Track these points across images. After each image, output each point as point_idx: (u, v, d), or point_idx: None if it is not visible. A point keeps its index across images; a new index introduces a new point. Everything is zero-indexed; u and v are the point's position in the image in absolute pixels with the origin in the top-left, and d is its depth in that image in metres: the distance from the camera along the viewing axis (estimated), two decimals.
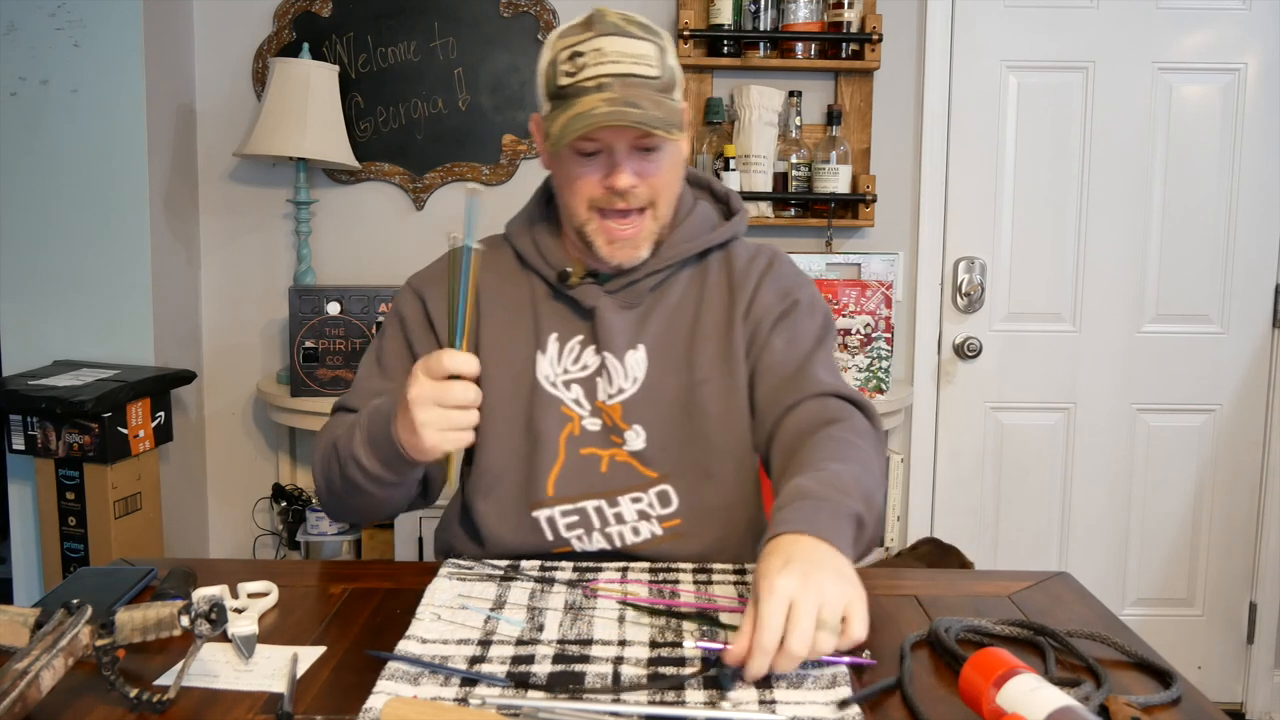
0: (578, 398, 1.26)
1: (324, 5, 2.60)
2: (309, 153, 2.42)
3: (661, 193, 1.22)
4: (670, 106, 1.19)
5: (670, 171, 1.23)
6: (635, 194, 1.20)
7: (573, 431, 1.25)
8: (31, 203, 2.34)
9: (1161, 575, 2.78)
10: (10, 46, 2.30)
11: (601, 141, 1.18)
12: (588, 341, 1.27)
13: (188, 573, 1.13)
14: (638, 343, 1.26)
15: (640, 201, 1.21)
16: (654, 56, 1.19)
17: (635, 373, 1.26)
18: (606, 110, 1.14)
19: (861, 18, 2.54)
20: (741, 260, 1.32)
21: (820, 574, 0.89)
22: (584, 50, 1.17)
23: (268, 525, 2.72)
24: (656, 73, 1.19)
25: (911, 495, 2.74)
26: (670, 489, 1.25)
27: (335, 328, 2.37)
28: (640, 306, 1.28)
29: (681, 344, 1.27)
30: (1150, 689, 0.91)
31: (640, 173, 1.20)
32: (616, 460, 1.25)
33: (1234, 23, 2.61)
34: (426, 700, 0.85)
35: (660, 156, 1.21)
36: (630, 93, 1.15)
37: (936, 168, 2.66)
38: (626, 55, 1.17)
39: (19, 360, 2.37)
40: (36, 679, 0.81)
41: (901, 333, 2.69)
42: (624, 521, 1.24)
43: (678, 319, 1.28)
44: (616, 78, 1.16)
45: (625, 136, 1.17)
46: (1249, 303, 2.68)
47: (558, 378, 1.26)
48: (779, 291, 1.30)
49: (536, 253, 1.31)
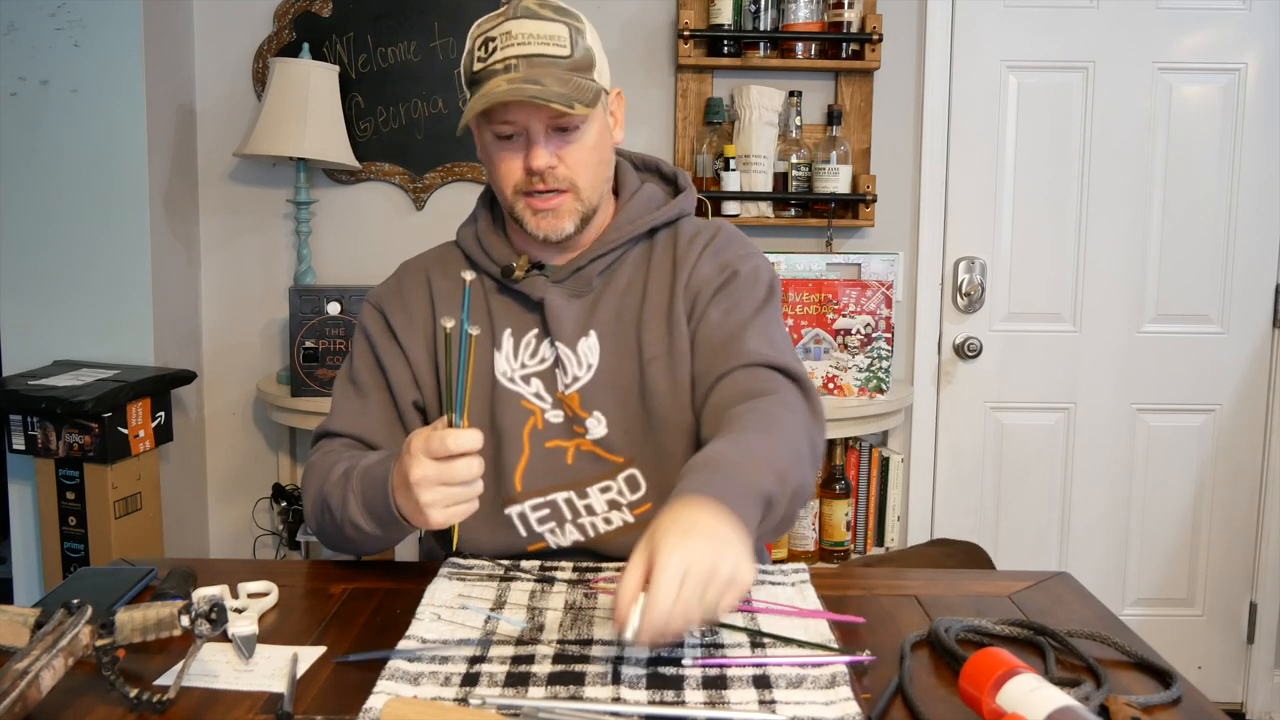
0: (538, 391, 1.26)
1: (324, 5, 2.60)
2: (309, 153, 2.42)
3: (581, 173, 1.22)
4: (579, 84, 1.18)
5: (592, 152, 1.22)
6: (553, 175, 1.20)
7: (536, 425, 1.25)
8: (31, 203, 2.34)
9: (1161, 575, 2.78)
10: (10, 46, 2.30)
11: (517, 124, 1.18)
12: (542, 335, 1.27)
13: (188, 573, 1.13)
14: (589, 329, 1.26)
15: (560, 183, 1.21)
16: (564, 37, 1.19)
17: (589, 359, 1.25)
18: (505, 89, 1.15)
19: (861, 18, 2.54)
20: (685, 236, 1.32)
21: (718, 551, 0.88)
22: (495, 35, 1.18)
23: (268, 525, 2.72)
24: (566, 52, 1.19)
25: (911, 495, 2.74)
26: (637, 473, 1.24)
27: (335, 328, 2.37)
28: (590, 293, 1.28)
29: (631, 325, 1.26)
30: (1150, 689, 0.91)
31: (559, 154, 1.20)
32: (581, 450, 1.25)
33: (1234, 23, 2.61)
34: (426, 700, 0.85)
35: (579, 136, 1.20)
36: (535, 72, 1.16)
37: (936, 168, 2.66)
38: (535, 36, 1.17)
39: (19, 360, 2.37)
40: (36, 679, 0.81)
41: (901, 333, 2.69)
42: (594, 513, 1.24)
43: (627, 301, 1.28)
44: (523, 59, 1.17)
45: (539, 117, 1.17)
46: (1249, 303, 2.68)
47: (515, 373, 1.26)
48: (718, 264, 1.29)
49: (480, 250, 1.31)
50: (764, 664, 0.93)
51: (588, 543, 1.25)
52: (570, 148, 1.20)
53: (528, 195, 1.22)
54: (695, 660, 0.93)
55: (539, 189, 1.20)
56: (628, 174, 1.34)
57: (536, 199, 1.21)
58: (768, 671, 0.91)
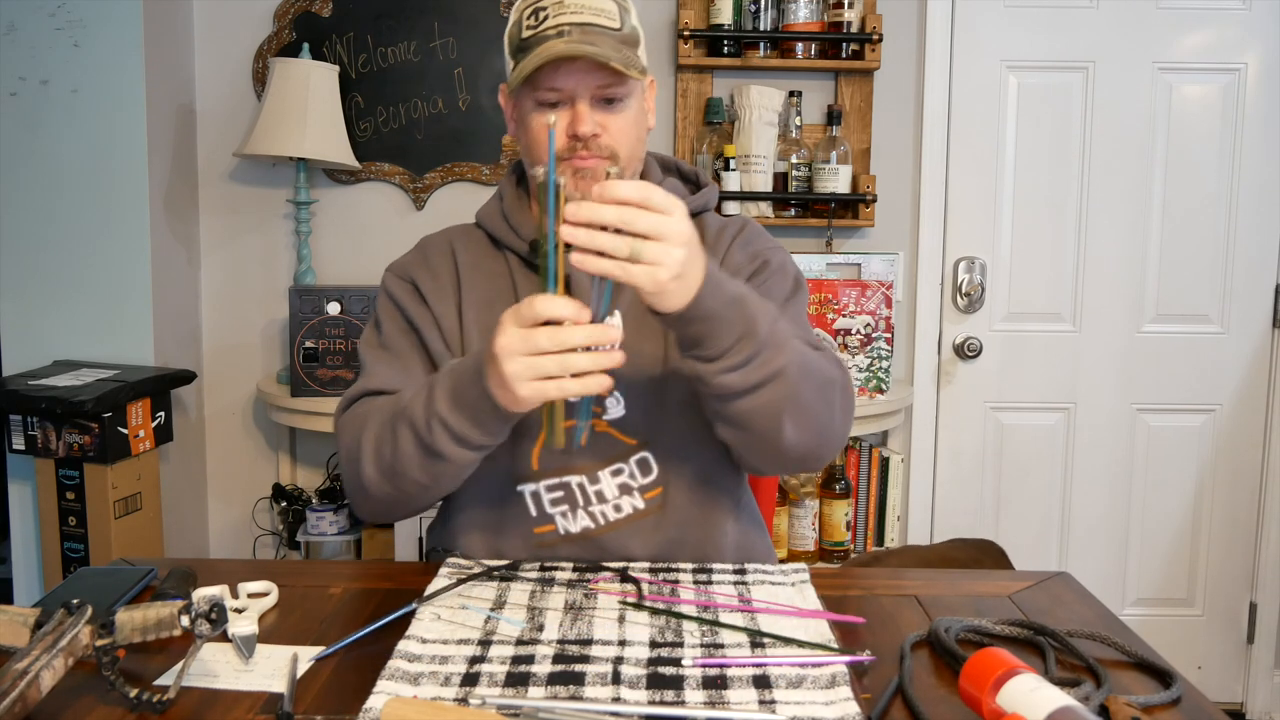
0: None
1: (324, 5, 2.60)
2: (309, 153, 2.42)
3: (622, 143, 1.21)
4: (631, 56, 1.19)
5: (633, 125, 1.23)
6: (596, 142, 1.19)
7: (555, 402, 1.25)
8: (31, 203, 2.34)
9: (1161, 575, 2.78)
10: (10, 46, 2.30)
11: (564, 90, 1.18)
12: None
13: (188, 573, 1.13)
14: (614, 308, 1.25)
15: (602, 151, 1.20)
16: (614, 11, 1.20)
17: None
18: (564, 46, 1.15)
19: (861, 18, 2.54)
20: (712, 228, 1.33)
21: (685, 251, 0.98)
22: (546, 4, 1.19)
23: (268, 525, 2.72)
24: (616, 25, 1.19)
25: (911, 495, 2.74)
26: (650, 455, 1.24)
27: (335, 328, 2.37)
28: None
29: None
30: (1150, 689, 0.91)
31: (601, 123, 1.19)
32: (596, 430, 1.24)
33: (1234, 23, 2.61)
34: (426, 700, 0.85)
35: (623, 108, 1.21)
36: (589, 38, 1.16)
37: (936, 168, 2.67)
38: (586, 7, 1.18)
39: (19, 360, 2.37)
40: (36, 679, 0.81)
41: (901, 333, 2.69)
42: (605, 499, 1.24)
43: None
44: (576, 26, 1.17)
45: (587, 84, 1.18)
46: (1249, 303, 2.68)
47: None
48: (749, 254, 1.30)
49: (507, 228, 1.30)
50: (764, 664, 0.93)
51: (596, 531, 1.24)
52: (614, 117, 1.20)
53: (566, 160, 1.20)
54: (695, 660, 0.93)
55: (582, 156, 1.19)
56: (652, 167, 1.34)
57: (576, 159, 1.20)
58: (768, 671, 0.91)
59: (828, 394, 1.15)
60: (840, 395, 1.18)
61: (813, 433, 1.14)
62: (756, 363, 1.07)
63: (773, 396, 1.09)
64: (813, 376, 1.13)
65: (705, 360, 1.08)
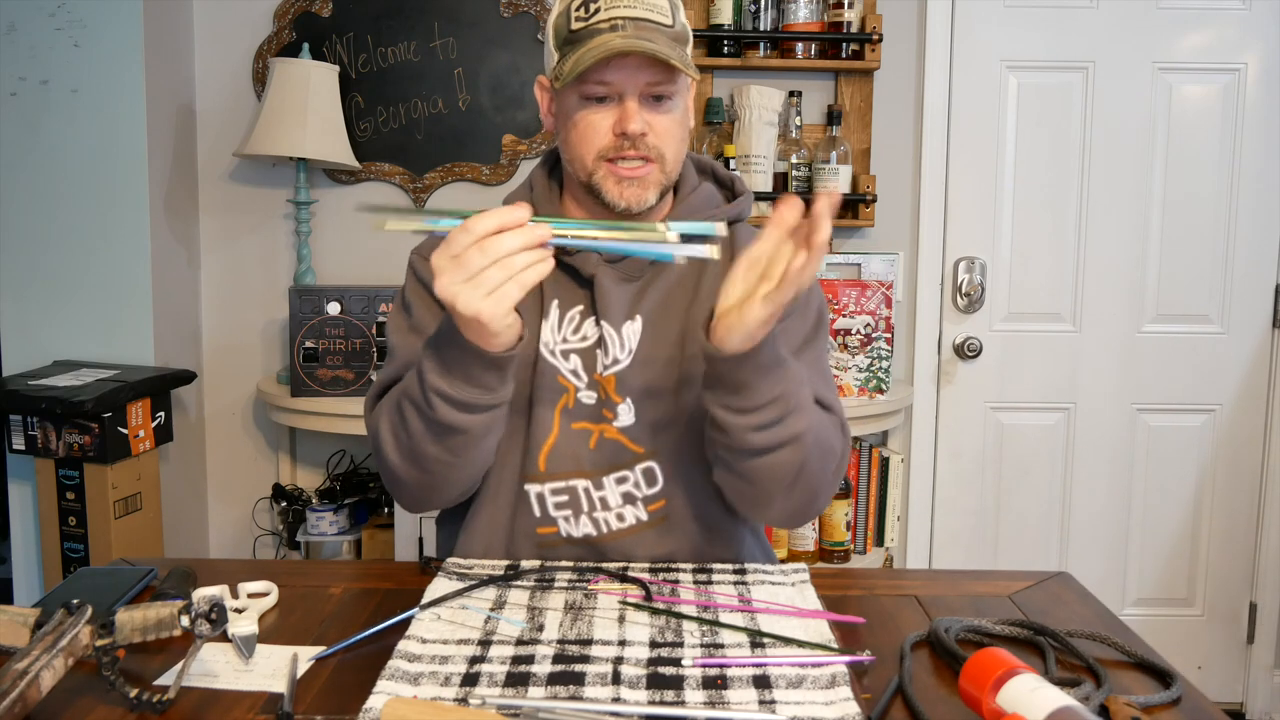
0: (575, 368, 1.24)
1: (324, 5, 2.60)
2: (309, 153, 2.42)
3: (669, 144, 1.20)
4: (683, 55, 1.17)
5: (679, 126, 1.21)
6: (645, 142, 1.17)
7: (567, 404, 1.24)
8: (32, 203, 2.34)
9: (1161, 575, 2.78)
10: (10, 46, 2.30)
11: (614, 86, 1.16)
12: (588, 312, 1.25)
13: (188, 573, 1.13)
14: (635, 314, 1.24)
15: (649, 150, 1.18)
16: (666, 7, 1.18)
17: (630, 343, 1.24)
18: (620, 42, 1.12)
19: (861, 18, 2.54)
20: (744, 242, 1.30)
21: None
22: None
23: (268, 525, 2.72)
24: (669, 22, 1.17)
25: (911, 495, 2.74)
26: (655, 466, 1.23)
27: (335, 328, 2.37)
28: (640, 279, 1.26)
29: (677, 318, 1.25)
30: (1150, 689, 0.91)
31: (649, 122, 1.17)
32: (605, 436, 1.24)
33: (1234, 23, 2.61)
34: (426, 700, 0.85)
35: (670, 107, 1.19)
36: (643, 33, 1.14)
37: (936, 168, 2.67)
38: (641, 2, 1.16)
39: (19, 360, 2.37)
40: (36, 679, 0.81)
41: (901, 333, 2.69)
42: (609, 506, 1.24)
43: (676, 293, 1.27)
44: (630, 20, 1.14)
45: (637, 80, 1.15)
46: (1249, 303, 2.68)
47: (556, 345, 1.24)
48: None
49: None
50: (764, 664, 0.93)
51: (599, 538, 1.24)
52: (661, 117, 1.18)
53: (611, 162, 1.18)
54: (695, 660, 0.93)
55: (628, 155, 1.18)
56: (689, 170, 1.33)
57: (622, 166, 1.18)
58: (768, 671, 0.91)
59: (827, 464, 1.17)
60: (836, 467, 1.20)
61: (804, 501, 1.18)
62: (781, 425, 1.08)
63: (785, 460, 1.11)
64: (821, 445, 1.15)
65: (736, 411, 1.09)
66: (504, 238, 0.97)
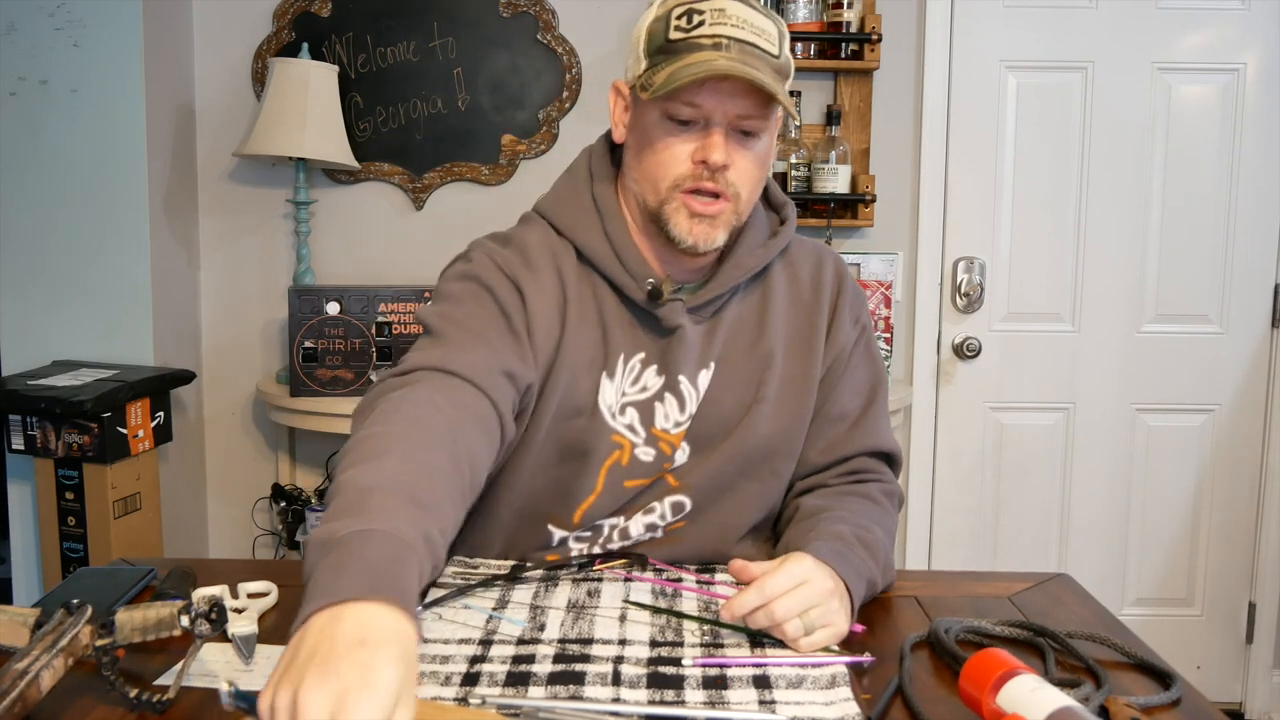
0: (632, 423, 1.15)
1: (324, 5, 2.60)
2: (309, 153, 2.42)
3: (746, 183, 1.11)
4: (784, 91, 1.08)
5: (760, 165, 1.12)
6: (725, 177, 1.08)
7: (620, 461, 1.15)
8: (32, 203, 2.34)
9: (1161, 575, 2.78)
10: (10, 46, 2.30)
11: (703, 110, 1.06)
12: (650, 360, 1.16)
13: (188, 573, 1.13)
14: (709, 360, 1.17)
15: (728, 186, 1.09)
16: (774, 35, 1.09)
17: (700, 392, 1.17)
18: (725, 64, 1.03)
19: (861, 18, 2.54)
20: (805, 268, 1.23)
21: (833, 600, 0.97)
22: (703, 9, 1.07)
23: (267, 525, 2.72)
24: (775, 51, 1.08)
25: (911, 495, 2.74)
26: (686, 500, 1.18)
27: (335, 328, 2.37)
28: (707, 322, 1.18)
29: (742, 358, 1.18)
30: (1150, 689, 0.91)
31: (733, 157, 1.08)
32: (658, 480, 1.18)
33: (1233, 23, 2.61)
34: (426, 700, 0.85)
35: (756, 144, 1.10)
36: (748, 59, 1.05)
37: (936, 168, 2.67)
38: (748, 24, 1.07)
39: (19, 360, 2.37)
40: (36, 679, 0.81)
41: (901, 333, 2.69)
42: (629, 536, 1.19)
43: (740, 332, 1.19)
44: (735, 41, 1.05)
45: (728, 109, 1.06)
46: (1249, 302, 2.69)
47: (617, 403, 1.15)
48: (855, 317, 1.24)
49: (614, 257, 1.15)
50: (764, 664, 0.93)
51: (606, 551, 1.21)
52: (745, 153, 1.09)
53: (687, 194, 1.09)
54: (695, 660, 0.93)
55: (705, 188, 1.09)
56: None
57: (698, 201, 1.09)
58: (768, 671, 0.91)
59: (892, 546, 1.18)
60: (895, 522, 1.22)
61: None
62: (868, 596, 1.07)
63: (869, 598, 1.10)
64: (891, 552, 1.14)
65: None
66: None
